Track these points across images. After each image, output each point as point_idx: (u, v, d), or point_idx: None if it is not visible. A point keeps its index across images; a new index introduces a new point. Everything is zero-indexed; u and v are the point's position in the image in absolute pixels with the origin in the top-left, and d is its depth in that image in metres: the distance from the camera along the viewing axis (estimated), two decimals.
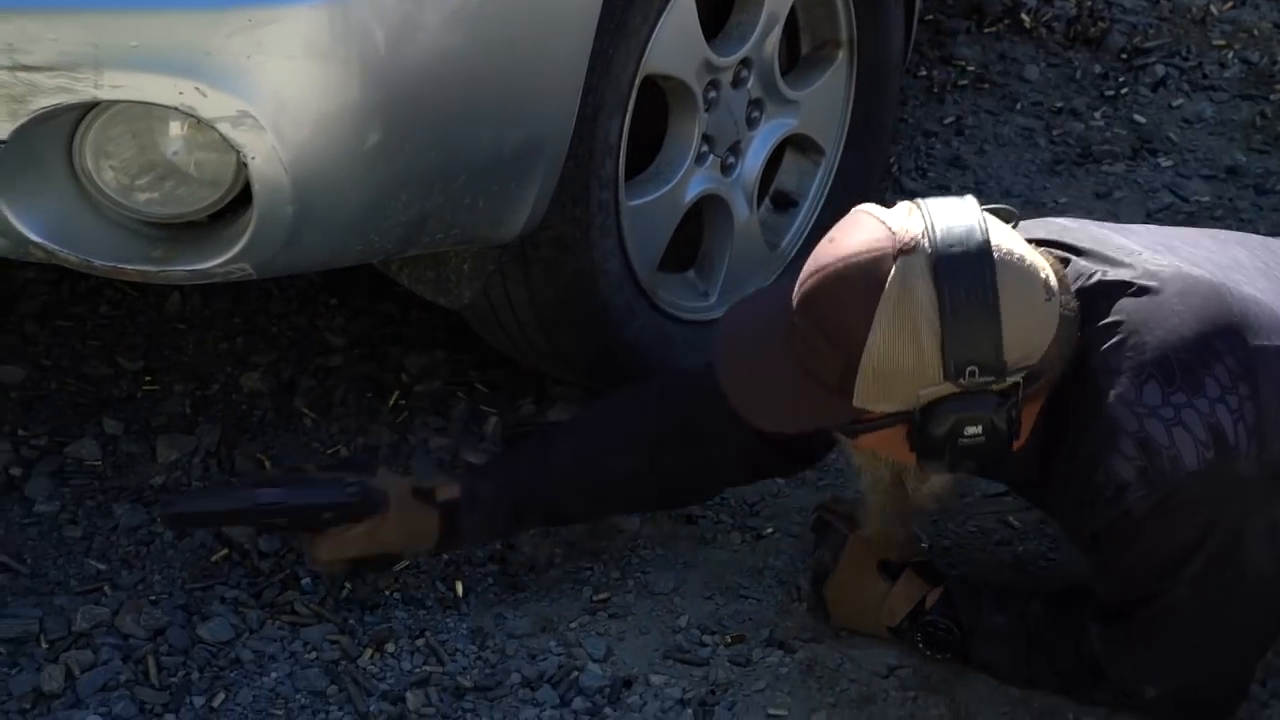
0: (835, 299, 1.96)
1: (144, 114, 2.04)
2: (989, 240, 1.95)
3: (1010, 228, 2.03)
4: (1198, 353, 2.00)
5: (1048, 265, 2.00)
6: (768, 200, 2.88)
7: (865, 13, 2.83)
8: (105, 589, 2.38)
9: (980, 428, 1.97)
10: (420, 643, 2.32)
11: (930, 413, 1.97)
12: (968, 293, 1.92)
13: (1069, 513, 2.12)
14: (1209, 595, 2.06)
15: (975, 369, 1.93)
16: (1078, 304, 2.02)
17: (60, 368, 2.80)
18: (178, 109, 1.98)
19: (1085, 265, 2.09)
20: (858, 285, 1.94)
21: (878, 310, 1.93)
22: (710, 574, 2.47)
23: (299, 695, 2.24)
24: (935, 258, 1.93)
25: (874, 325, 1.93)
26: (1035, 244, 2.05)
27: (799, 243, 2.87)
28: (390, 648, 2.31)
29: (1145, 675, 2.16)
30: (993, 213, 2.03)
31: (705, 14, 2.54)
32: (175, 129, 2.06)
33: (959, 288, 1.92)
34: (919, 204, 2.00)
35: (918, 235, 1.95)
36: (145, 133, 2.07)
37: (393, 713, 2.22)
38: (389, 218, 2.17)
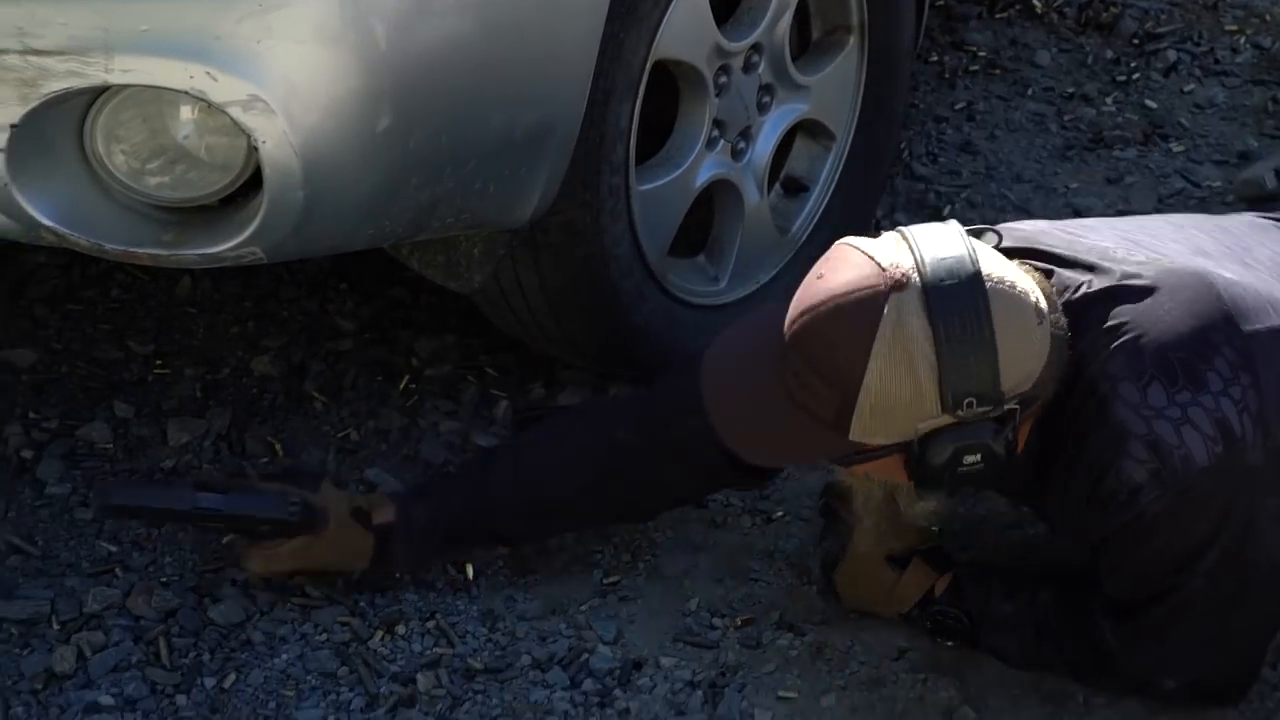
0: (828, 338, 1.94)
1: (155, 98, 2.04)
2: (980, 270, 1.93)
3: (993, 249, 2.01)
4: (1196, 348, 2.00)
5: (1036, 286, 1.99)
6: (778, 185, 2.87)
7: None
8: (116, 571, 2.39)
9: (979, 455, 1.97)
10: (431, 625, 2.33)
11: (928, 443, 1.96)
12: (962, 326, 1.91)
13: (1072, 517, 2.11)
14: (1223, 586, 2.06)
15: (973, 400, 1.93)
16: (1067, 321, 2.01)
17: (71, 351, 2.80)
18: (188, 93, 1.99)
19: (1070, 277, 2.07)
20: (851, 324, 1.92)
21: (873, 349, 1.90)
22: (720, 557, 2.47)
23: (310, 677, 2.25)
24: (928, 292, 1.91)
25: (870, 363, 1.91)
26: (1012, 257, 2.03)
27: (809, 227, 2.87)
28: (401, 630, 2.32)
29: (1164, 669, 2.17)
30: (973, 234, 2.01)
31: None
32: (186, 113, 2.07)
33: (953, 321, 1.91)
34: (904, 235, 1.98)
35: (908, 270, 1.93)
36: (156, 117, 2.07)
37: (403, 694, 2.22)
38: (399, 202, 2.17)
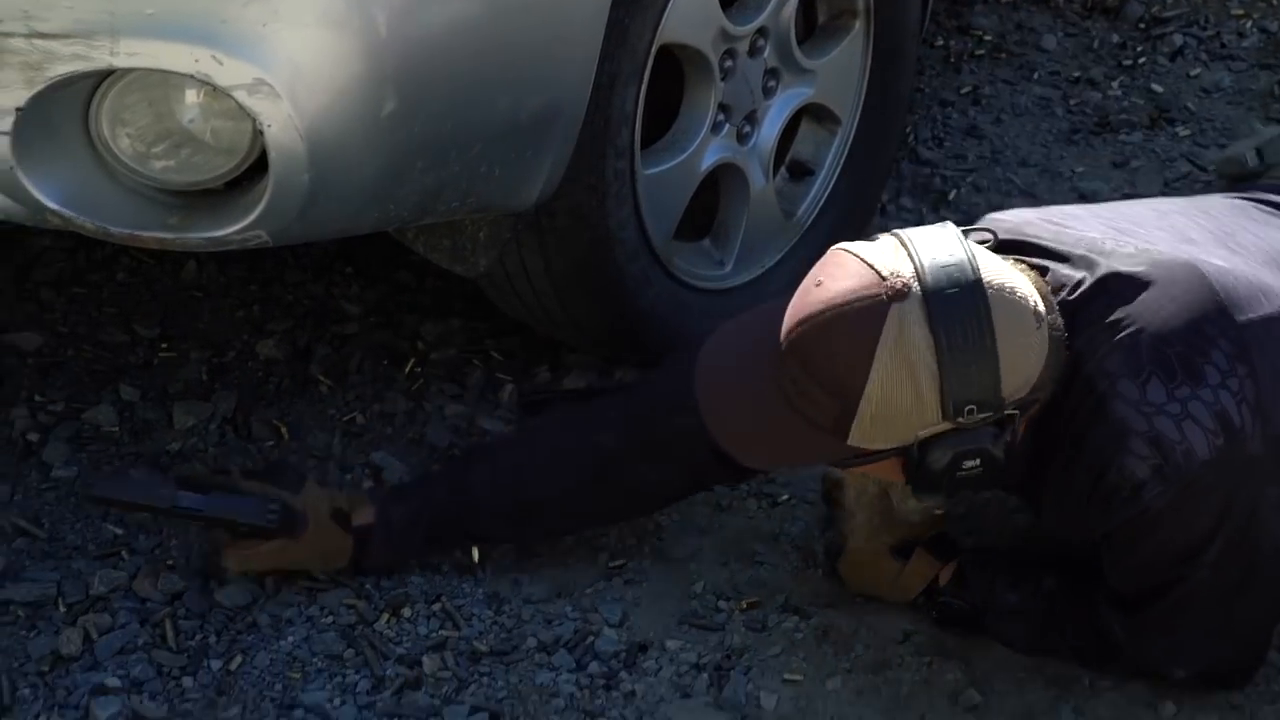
0: (828, 349, 1.92)
1: (160, 82, 2.04)
2: (980, 277, 1.92)
3: (989, 250, 2.00)
4: (1192, 342, 2.00)
5: (1033, 288, 1.98)
6: (784, 169, 2.87)
7: None
8: (123, 553, 2.39)
9: (978, 460, 1.96)
10: (436, 607, 2.33)
11: (928, 448, 1.95)
12: (964, 334, 1.90)
13: (1072, 513, 2.10)
14: (1229, 575, 2.07)
15: (974, 407, 1.92)
16: (1063, 321, 2.00)
17: (77, 334, 2.81)
18: (194, 77, 1.98)
19: (1064, 274, 2.06)
20: (851, 334, 1.91)
21: (875, 359, 1.89)
22: (726, 540, 2.47)
23: (316, 659, 2.25)
24: (929, 301, 1.90)
25: (871, 374, 1.90)
26: (1003, 252, 2.02)
27: (815, 212, 2.87)
28: (406, 612, 2.32)
29: (1173, 659, 2.18)
30: (967, 234, 2.00)
31: None
32: (191, 97, 2.06)
33: (955, 330, 1.90)
34: (903, 239, 1.96)
35: (909, 279, 1.91)
36: (161, 100, 2.07)
37: (409, 676, 2.23)
38: (405, 185, 2.17)
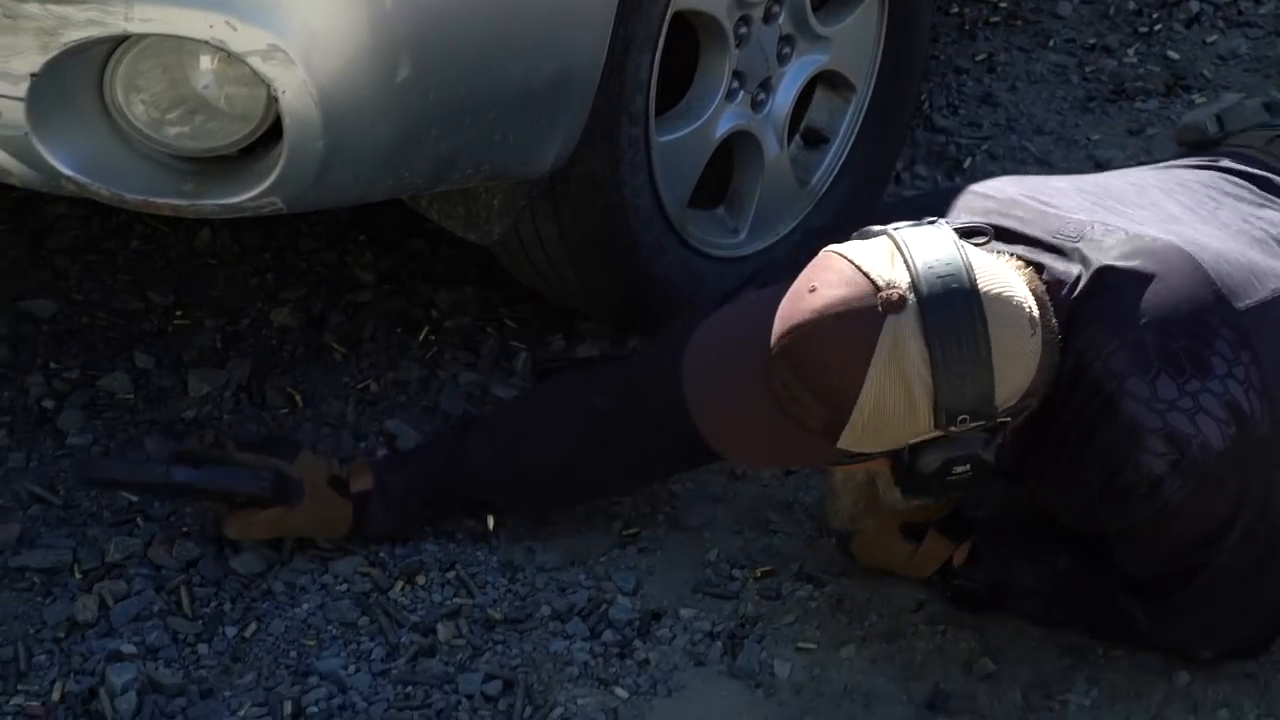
0: (821, 358, 1.90)
1: (174, 48, 2.04)
2: (977, 287, 1.89)
3: (983, 249, 1.98)
4: (1196, 334, 1.99)
5: (1029, 291, 1.96)
6: (798, 137, 2.86)
7: None
8: (138, 521, 2.39)
9: (968, 465, 1.96)
10: (451, 575, 2.33)
11: (918, 453, 1.95)
12: (960, 347, 1.88)
13: (1081, 509, 2.10)
14: (1249, 555, 2.07)
15: (966, 417, 1.91)
16: (1060, 319, 1.98)
17: (91, 302, 2.81)
18: (208, 43, 1.98)
19: (1061, 270, 2.03)
20: (845, 345, 1.88)
21: (869, 371, 1.87)
22: (740, 509, 2.47)
23: (330, 626, 2.25)
24: (925, 313, 1.87)
25: (865, 385, 1.88)
26: (977, 235, 2.00)
27: (829, 179, 2.86)
28: (421, 580, 2.32)
29: (1200, 642, 2.19)
30: (963, 232, 1.98)
31: None
32: (206, 63, 2.06)
33: (951, 343, 1.88)
34: (898, 244, 1.93)
35: (904, 289, 1.88)
36: (176, 67, 2.07)
37: (424, 644, 2.23)
38: (419, 152, 2.16)
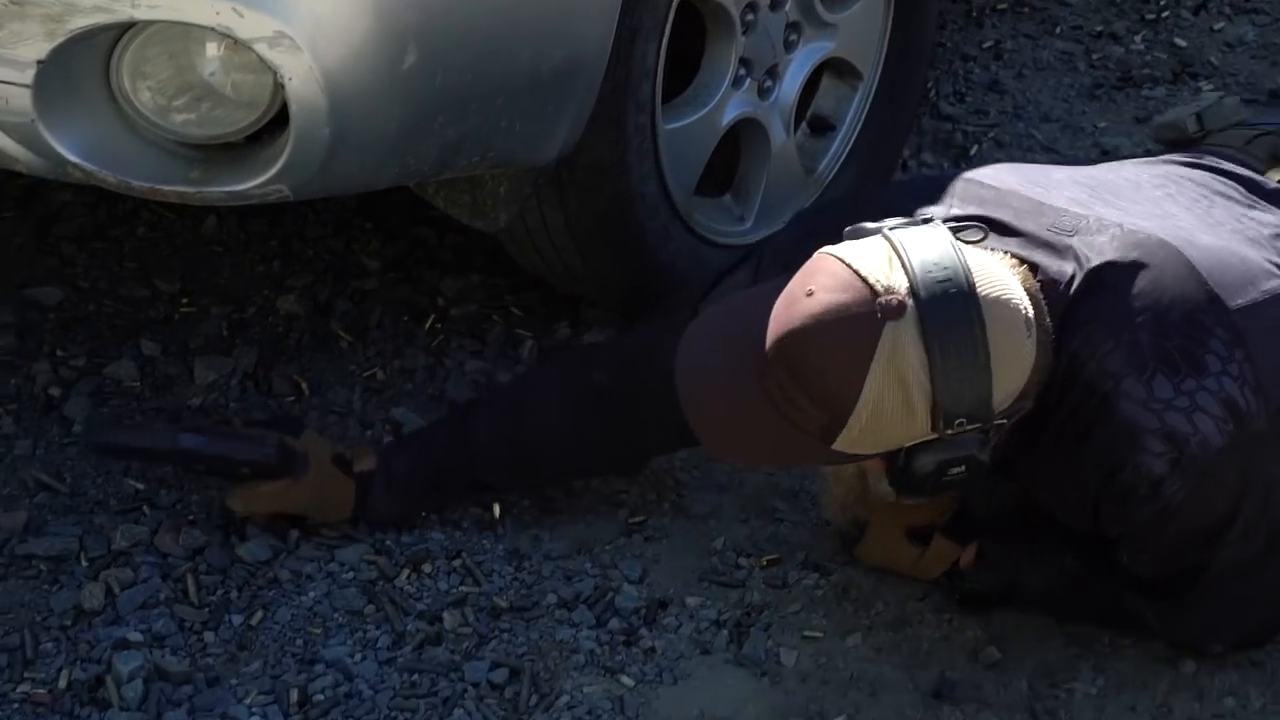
0: (819, 363, 1.89)
1: (181, 34, 2.04)
2: (975, 288, 1.89)
3: (980, 248, 1.97)
4: (1190, 333, 1.99)
5: (1024, 292, 1.95)
6: (805, 124, 2.86)
7: None
8: (144, 508, 2.39)
9: (964, 465, 1.96)
10: (457, 563, 2.33)
11: (914, 454, 1.95)
12: (959, 353, 1.87)
13: (1078, 509, 2.09)
14: (1253, 549, 2.08)
15: (963, 421, 1.91)
16: (1055, 318, 1.98)
17: (98, 289, 2.81)
18: (214, 29, 1.98)
19: (1056, 269, 2.03)
20: (843, 351, 1.88)
21: (867, 377, 1.87)
22: (746, 497, 2.47)
23: (336, 614, 2.25)
24: (924, 319, 1.87)
25: (863, 391, 1.87)
26: (970, 231, 2.00)
27: (836, 167, 2.86)
28: (427, 568, 2.32)
29: (1210, 637, 2.19)
30: (956, 228, 1.97)
31: None
32: (212, 50, 2.06)
33: (949, 349, 1.87)
34: (895, 246, 1.92)
35: (902, 294, 1.87)
36: (182, 53, 2.06)
37: (430, 632, 2.23)
38: (425, 139, 2.16)
